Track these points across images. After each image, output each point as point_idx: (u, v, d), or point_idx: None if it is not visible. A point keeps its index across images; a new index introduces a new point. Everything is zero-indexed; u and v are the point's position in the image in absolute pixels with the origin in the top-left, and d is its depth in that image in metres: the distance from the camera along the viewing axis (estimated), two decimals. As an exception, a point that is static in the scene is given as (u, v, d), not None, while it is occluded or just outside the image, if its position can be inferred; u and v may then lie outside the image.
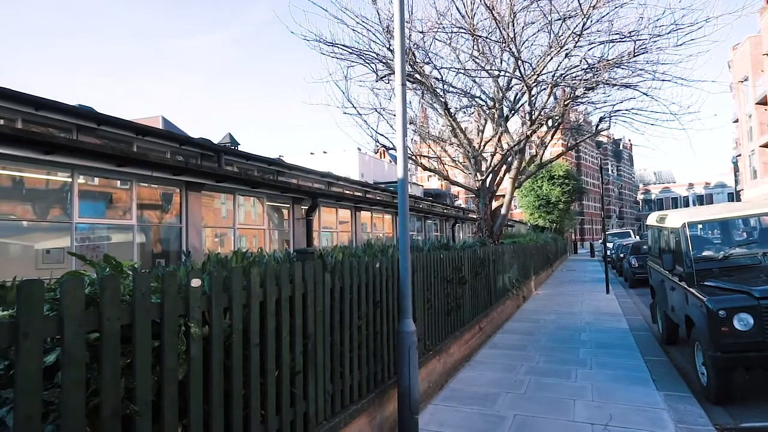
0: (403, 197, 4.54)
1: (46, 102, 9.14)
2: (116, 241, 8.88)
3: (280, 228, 12.50)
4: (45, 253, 8.00)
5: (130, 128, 10.97)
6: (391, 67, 11.78)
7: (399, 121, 4.58)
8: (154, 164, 7.88)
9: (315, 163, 29.79)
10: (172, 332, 2.38)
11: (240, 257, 3.27)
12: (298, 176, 16.77)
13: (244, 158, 14.22)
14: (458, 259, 7.62)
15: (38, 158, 6.59)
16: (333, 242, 15.05)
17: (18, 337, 1.76)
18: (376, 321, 4.60)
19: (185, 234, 8.98)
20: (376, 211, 17.59)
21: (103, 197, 8.70)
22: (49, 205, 7.89)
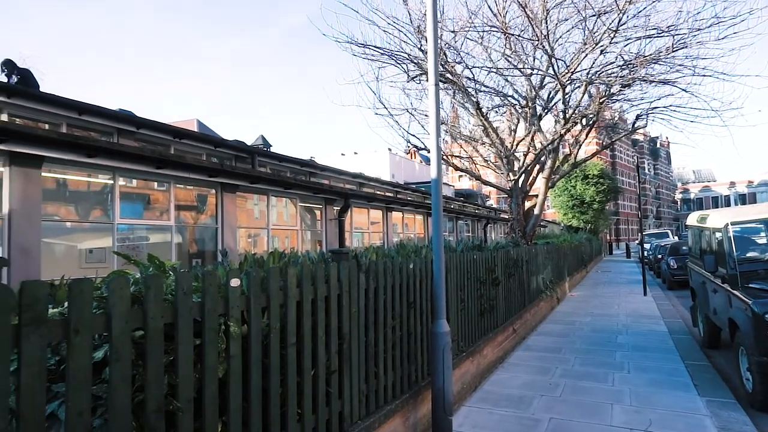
0: (437, 197, 4.52)
1: (89, 107, 9.45)
2: (154, 241, 9.12)
3: (312, 228, 12.61)
4: (88, 253, 8.27)
5: (168, 131, 11.24)
6: (422, 67, 11.77)
7: (432, 121, 4.56)
8: (190, 166, 8.06)
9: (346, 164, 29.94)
10: (213, 331, 2.43)
11: (277, 257, 3.32)
12: (330, 177, 16.89)
13: (276, 160, 14.40)
14: (491, 259, 7.55)
15: (82, 161, 6.82)
16: (364, 243, 15.10)
17: (69, 334, 1.83)
18: (409, 322, 4.60)
19: (221, 234, 9.15)
20: (408, 212, 17.58)
21: (142, 199, 8.94)
22: (91, 207, 8.15)
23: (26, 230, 6.29)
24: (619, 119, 19.07)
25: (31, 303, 1.71)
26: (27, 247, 6.25)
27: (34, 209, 6.42)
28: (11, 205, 6.14)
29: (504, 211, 33.01)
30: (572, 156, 15.12)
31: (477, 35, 12.14)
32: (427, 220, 19.09)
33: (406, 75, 12.06)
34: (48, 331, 1.76)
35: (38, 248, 6.47)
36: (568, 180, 36.13)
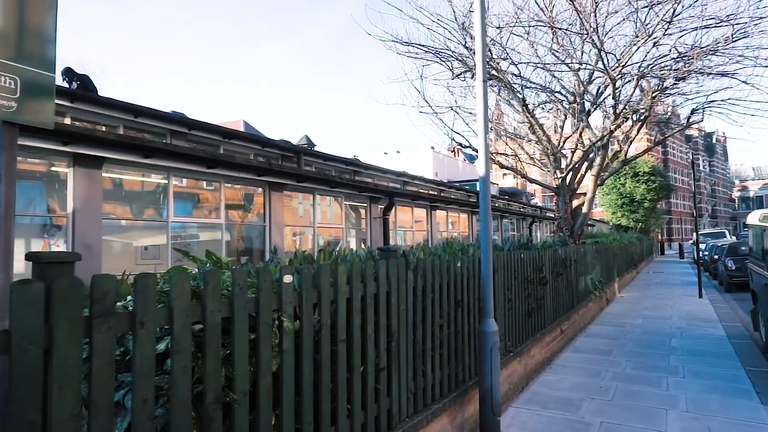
0: (485, 195, 4.48)
1: (144, 109, 9.83)
2: (204, 239, 9.40)
3: (357, 227, 12.71)
4: (143, 250, 8.61)
5: (217, 132, 11.57)
6: (467, 64, 11.66)
7: (480, 118, 4.51)
8: (240, 165, 8.27)
9: (389, 163, 30.01)
10: (267, 326, 2.49)
11: (327, 255, 3.36)
12: (374, 176, 16.98)
13: (321, 159, 14.59)
14: (539, 259, 7.41)
15: (138, 161, 7.10)
16: (408, 241, 15.10)
17: (135, 326, 1.91)
18: (457, 320, 4.58)
19: (268, 232, 9.34)
20: (452, 210, 17.47)
21: (193, 198, 9.23)
22: (146, 206, 8.47)
23: (88, 227, 6.60)
24: (672, 114, 18.34)
25: (101, 296, 1.79)
26: (89, 244, 6.56)
27: (96, 208, 6.73)
28: (75, 204, 6.46)
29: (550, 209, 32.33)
30: (622, 153, 14.64)
31: (523, 30, 11.92)
32: (472, 218, 18.92)
33: (451, 72, 11.98)
34: (116, 323, 1.85)
35: (99, 245, 6.79)
36: (617, 178, 35.02)
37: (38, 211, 6.96)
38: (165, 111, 10.78)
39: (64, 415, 1.67)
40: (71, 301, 1.70)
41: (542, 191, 60.00)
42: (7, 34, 2.38)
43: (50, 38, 2.55)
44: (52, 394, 1.65)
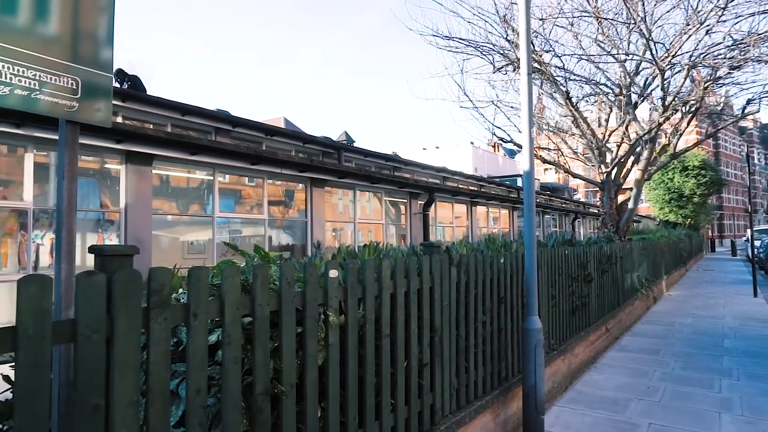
0: (530, 190, 4.41)
1: (191, 108, 10.12)
2: (247, 234, 9.60)
3: (396, 222, 12.72)
4: (189, 245, 8.87)
5: (260, 129, 11.78)
6: (508, 57, 11.48)
7: (525, 112, 4.44)
8: (283, 162, 8.40)
9: (428, 159, 29.89)
10: (313, 320, 2.52)
11: (372, 250, 3.39)
12: (414, 171, 16.94)
13: (362, 155, 14.67)
14: (584, 255, 7.25)
15: (186, 158, 7.32)
16: (447, 237, 15.02)
17: (189, 317, 1.97)
18: (500, 317, 4.53)
19: (310, 228, 9.47)
20: (492, 206, 17.27)
21: (238, 194, 9.44)
22: (192, 201, 8.72)
23: (139, 222, 6.85)
24: (725, 105, 17.56)
25: (158, 288, 1.86)
26: (140, 238, 6.81)
27: (146, 203, 6.98)
28: (127, 200, 6.72)
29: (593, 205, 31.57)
30: (671, 146, 14.13)
31: (566, 22, 11.65)
32: (512, 214, 18.65)
33: (492, 66, 11.81)
34: (172, 314, 1.91)
35: (149, 239, 7.03)
36: (664, 172, 33.79)
37: (92, 206, 7.26)
38: (210, 109, 11.05)
39: (125, 401, 1.74)
40: (131, 293, 1.77)
41: (585, 186, 58.56)
42: (68, 37, 2.49)
43: (107, 40, 2.65)
44: (113, 380, 1.72)
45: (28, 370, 1.54)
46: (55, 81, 2.40)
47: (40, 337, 1.56)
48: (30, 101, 2.32)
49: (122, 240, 6.71)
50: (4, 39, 2.29)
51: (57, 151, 6.72)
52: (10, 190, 6.54)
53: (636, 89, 12.88)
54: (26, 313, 1.54)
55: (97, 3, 2.62)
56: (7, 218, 6.46)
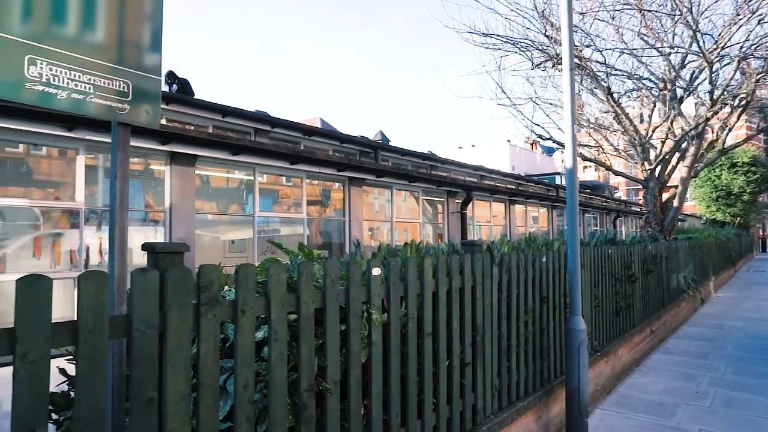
0: (573, 188, 4.31)
1: (231, 109, 10.33)
2: (286, 233, 9.73)
3: (433, 222, 12.67)
4: (230, 243, 9.05)
5: (298, 129, 11.94)
6: (547, 53, 11.27)
7: (567, 108, 4.35)
8: (321, 161, 8.49)
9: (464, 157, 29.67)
10: (356, 317, 2.53)
11: (414, 248, 3.38)
12: (450, 170, 16.85)
13: (398, 154, 14.68)
14: (627, 254, 7.05)
15: (227, 159, 7.47)
16: (484, 236, 14.87)
17: (237, 314, 2.00)
18: (542, 317, 4.45)
19: (348, 227, 9.53)
20: (531, 205, 17.01)
21: (277, 193, 9.58)
22: (233, 201, 8.89)
23: (183, 222, 7.04)
24: (777, 98, 16.77)
25: (208, 285, 1.90)
26: (184, 237, 6.99)
27: (189, 203, 7.16)
28: (171, 200, 6.91)
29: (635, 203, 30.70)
30: (719, 142, 13.59)
31: (608, 15, 11.35)
32: (551, 212, 18.32)
33: (530, 62, 11.62)
34: (220, 310, 1.95)
35: (193, 238, 7.22)
36: (711, 169, 32.57)
37: (137, 206, 7.49)
38: (250, 110, 11.26)
39: (177, 394, 1.78)
40: (182, 289, 1.81)
41: (626, 184, 57.02)
42: (119, 42, 2.57)
43: (156, 44, 2.72)
44: (166, 375, 1.77)
45: (87, 362, 1.60)
46: (108, 84, 2.48)
47: (99, 331, 1.61)
48: (84, 104, 2.40)
49: (167, 239, 6.91)
50: (60, 45, 2.38)
51: (104, 153, 6.97)
52: (62, 192, 6.82)
53: (681, 83, 12.44)
54: (85, 308, 1.59)
55: (146, 9, 2.70)
56: (59, 218, 6.73)
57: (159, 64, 2.76)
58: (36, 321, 1.48)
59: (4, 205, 6.38)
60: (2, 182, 6.43)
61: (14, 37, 2.22)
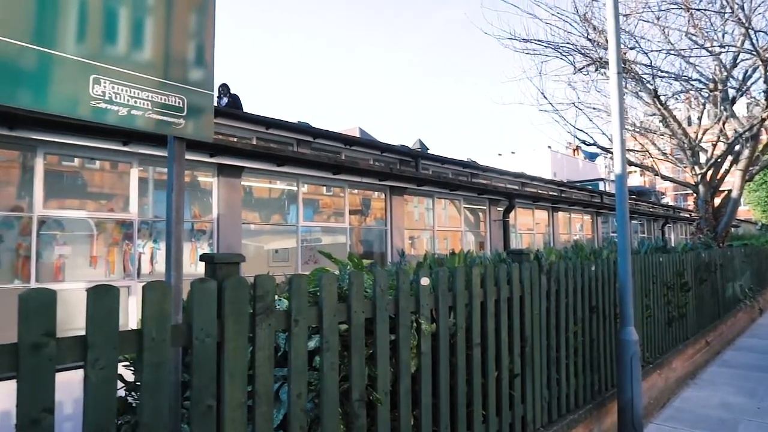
0: (622, 195, 4.20)
1: (274, 121, 10.57)
2: (327, 242, 9.82)
3: (475, 230, 12.56)
4: (274, 253, 9.19)
5: (339, 139, 12.08)
6: (590, 57, 11.06)
7: (615, 112, 4.25)
8: (363, 171, 8.56)
9: (504, 164, 29.34)
10: (406, 327, 2.53)
11: (462, 257, 3.36)
12: (491, 177, 16.68)
13: (438, 162, 14.64)
14: (679, 262, 6.80)
15: (272, 170, 7.63)
16: (526, 243, 14.63)
17: (290, 324, 2.03)
18: (592, 327, 4.34)
19: (389, 236, 9.55)
20: (574, 212, 16.65)
21: (319, 203, 9.70)
22: (277, 211, 9.06)
23: (230, 232, 7.21)
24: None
25: (263, 295, 1.94)
26: (231, 247, 7.16)
27: (236, 214, 7.33)
28: (219, 210, 7.09)
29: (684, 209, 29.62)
30: (776, 144, 12.97)
31: (653, 16, 11.05)
32: (596, 219, 17.87)
33: (573, 67, 11.42)
34: (275, 320, 1.98)
35: (239, 248, 7.38)
36: (766, 172, 31.12)
37: (185, 217, 7.71)
38: (292, 122, 11.47)
39: (235, 402, 1.82)
40: (239, 299, 1.86)
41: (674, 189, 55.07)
42: (176, 59, 2.67)
43: (209, 60, 2.81)
44: (224, 383, 1.81)
45: (151, 370, 1.65)
46: (164, 100, 2.58)
47: (162, 340, 1.67)
48: (143, 120, 2.50)
49: (215, 249, 7.09)
50: (121, 64, 2.48)
51: (155, 165, 7.22)
52: (116, 203, 7.10)
53: (733, 83, 11.96)
54: (149, 317, 1.65)
55: (199, 27, 2.79)
56: (113, 229, 7.01)
57: (211, 79, 2.85)
58: (105, 329, 1.55)
59: (62, 217, 6.69)
60: (60, 194, 6.74)
61: (80, 58, 2.33)
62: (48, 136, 5.93)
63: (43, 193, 6.35)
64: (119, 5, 2.45)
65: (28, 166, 6.39)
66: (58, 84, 2.23)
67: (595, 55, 11.07)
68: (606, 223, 19.42)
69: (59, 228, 6.71)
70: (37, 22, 2.18)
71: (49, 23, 2.23)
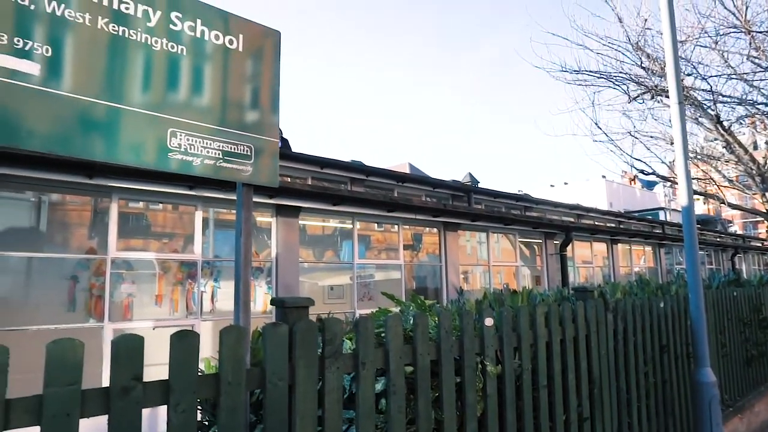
0: (690, 227, 4.04)
1: (328, 161, 10.85)
2: (380, 278, 9.84)
3: (531, 264, 12.30)
4: (329, 290, 9.29)
5: (391, 176, 12.24)
6: (644, 85, 10.84)
7: (678, 142, 4.13)
8: (417, 208, 8.61)
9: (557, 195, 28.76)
10: (471, 369, 2.49)
11: (524, 296, 3.29)
12: (545, 210, 16.37)
13: (491, 196, 14.54)
14: (756, 296, 6.40)
15: (327, 209, 7.80)
16: (583, 277, 14.16)
17: (358, 366, 2.05)
18: (663, 367, 4.11)
19: (444, 272, 9.48)
20: (635, 243, 16.03)
21: (373, 240, 9.78)
22: (328, 248, 9.20)
23: (288, 271, 7.37)
24: None
25: (332, 338, 1.97)
26: (289, 285, 7.30)
27: (293, 252, 7.50)
28: (278, 249, 7.28)
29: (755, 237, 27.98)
30: None
31: (710, 41, 10.75)
32: (659, 251, 17.13)
33: (627, 96, 11.21)
34: (343, 363, 2.00)
35: (297, 286, 7.52)
36: None
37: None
38: (345, 161, 11.75)
39: (306, 446, 1.84)
40: (309, 343, 1.89)
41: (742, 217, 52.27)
42: (245, 110, 2.82)
43: (274, 110, 2.95)
44: (295, 425, 1.83)
45: (227, 413, 1.70)
46: (234, 149, 2.71)
47: (237, 383, 1.72)
48: (214, 168, 2.64)
49: (274, 287, 7.26)
50: (195, 117, 2.65)
51: (215, 207, 7.53)
52: (180, 244, 7.42)
53: (803, 105, 11.37)
54: (226, 361, 1.71)
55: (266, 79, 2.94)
56: (176, 268, 7.30)
57: (277, 127, 2.99)
58: (186, 374, 1.61)
59: (132, 258, 7.04)
60: (129, 236, 7.12)
61: (159, 113, 2.50)
62: (121, 182, 6.32)
63: (116, 236, 6.73)
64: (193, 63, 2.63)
65: (102, 211, 6.81)
66: (141, 139, 2.40)
67: (649, 83, 10.85)
68: (669, 254, 18.56)
69: (128, 268, 7.06)
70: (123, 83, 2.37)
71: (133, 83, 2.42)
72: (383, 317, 2.34)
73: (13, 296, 6.34)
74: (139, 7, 2.50)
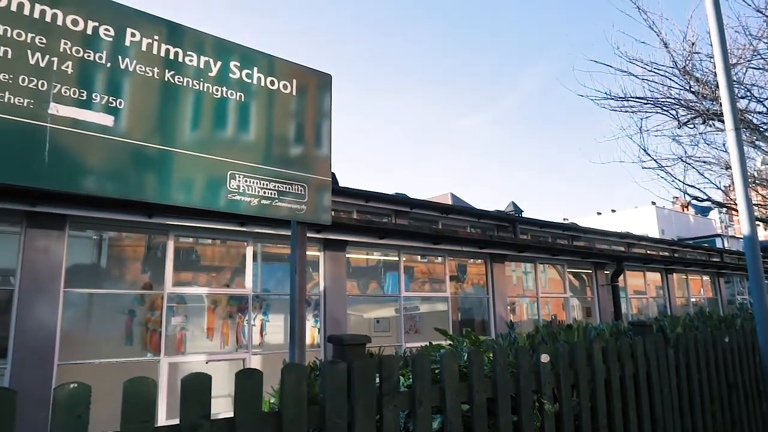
0: (755, 257, 3.87)
1: (373, 194, 10.99)
2: (426, 310, 9.77)
3: (581, 295, 11.95)
4: (375, 323, 9.28)
5: (435, 208, 12.27)
6: (695, 109, 10.55)
7: (737, 170, 4.00)
8: (463, 240, 8.58)
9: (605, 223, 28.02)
10: (528, 407, 2.44)
11: (580, 330, 3.21)
12: (593, 239, 15.96)
13: (537, 226, 14.32)
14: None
15: (374, 242, 7.88)
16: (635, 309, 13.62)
17: (414, 404, 2.04)
18: (732, 407, 3.89)
19: (492, 303, 9.34)
20: (691, 272, 15.36)
21: (419, 272, 9.76)
22: (374, 280, 9.22)
23: (335, 304, 7.43)
24: None
25: (389, 375, 1.98)
26: (337, 318, 7.36)
27: (341, 285, 7.58)
28: (325, 283, 7.37)
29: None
30: None
31: (763, 62, 10.41)
32: (718, 280, 16.34)
33: (676, 121, 10.92)
34: (400, 400, 2.01)
35: (345, 319, 7.56)
36: None
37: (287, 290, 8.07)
38: (390, 194, 11.88)
39: (366, 486, 1.83)
40: (368, 381, 1.91)
41: (808, 242, 49.27)
42: (299, 150, 2.92)
43: (328, 148, 3.05)
44: (354, 465, 1.83)
45: (288, 451, 1.72)
46: (288, 189, 2.81)
47: (299, 422, 1.75)
48: (270, 209, 2.74)
49: (322, 320, 7.34)
50: (251, 159, 2.76)
51: (263, 242, 7.71)
52: (231, 278, 7.62)
53: None
54: (288, 398, 1.74)
55: (320, 120, 3.06)
56: (228, 302, 7.48)
57: (329, 167, 3.08)
58: (250, 412, 1.65)
59: (187, 293, 7.27)
60: (184, 272, 7.36)
61: (219, 157, 2.63)
62: (178, 220, 6.59)
63: (172, 272, 6.98)
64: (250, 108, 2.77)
65: (156, 246, 7.10)
66: (203, 181, 2.53)
67: (700, 107, 10.55)
68: (729, 283, 17.67)
69: (181, 302, 7.28)
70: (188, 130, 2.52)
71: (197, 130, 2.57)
72: (436, 353, 2.34)
73: (77, 330, 6.63)
74: (201, 59, 2.66)
